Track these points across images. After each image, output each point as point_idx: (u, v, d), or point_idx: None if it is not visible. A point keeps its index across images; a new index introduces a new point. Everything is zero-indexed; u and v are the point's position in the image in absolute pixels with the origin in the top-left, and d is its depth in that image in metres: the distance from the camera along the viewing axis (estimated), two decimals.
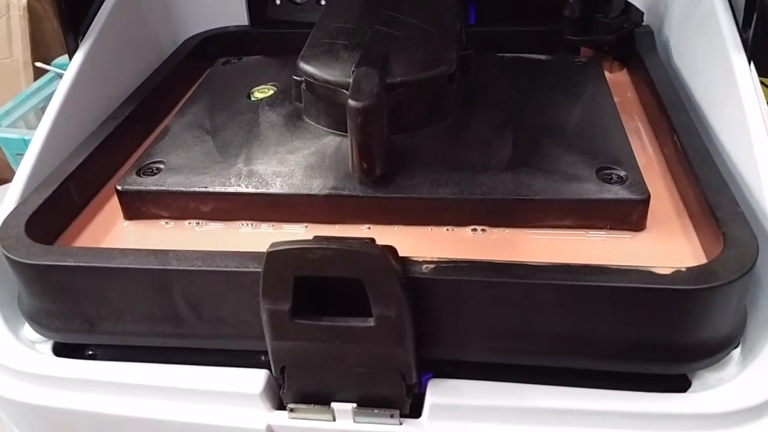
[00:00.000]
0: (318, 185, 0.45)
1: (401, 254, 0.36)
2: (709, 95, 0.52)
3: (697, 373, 0.39)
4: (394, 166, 0.45)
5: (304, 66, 0.49)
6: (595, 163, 0.46)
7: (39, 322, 0.42)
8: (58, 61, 1.11)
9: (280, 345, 0.37)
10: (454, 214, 0.45)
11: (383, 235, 0.44)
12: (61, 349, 0.44)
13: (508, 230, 0.44)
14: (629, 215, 0.43)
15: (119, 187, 0.47)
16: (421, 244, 0.44)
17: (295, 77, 0.51)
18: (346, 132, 0.43)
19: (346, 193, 0.45)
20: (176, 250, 0.39)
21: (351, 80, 0.44)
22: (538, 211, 0.44)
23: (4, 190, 0.49)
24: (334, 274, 0.34)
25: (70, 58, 0.57)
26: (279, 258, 0.34)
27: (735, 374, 0.38)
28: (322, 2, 0.70)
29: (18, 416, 0.43)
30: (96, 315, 0.41)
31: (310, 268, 0.34)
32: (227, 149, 0.50)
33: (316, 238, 0.35)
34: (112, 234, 0.47)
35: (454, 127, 0.50)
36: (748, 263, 0.36)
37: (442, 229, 0.45)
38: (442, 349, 0.39)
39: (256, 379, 0.40)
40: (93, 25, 0.59)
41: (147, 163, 0.49)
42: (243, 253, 0.38)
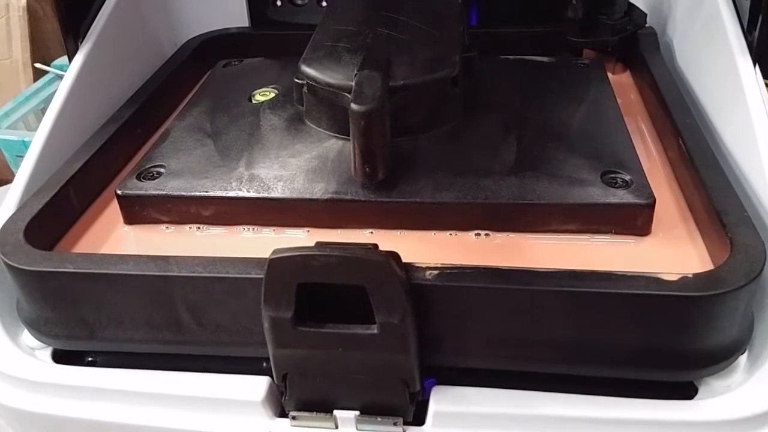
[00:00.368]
0: (320, 189, 0.45)
1: (404, 260, 0.35)
2: (714, 98, 0.52)
3: (704, 380, 0.38)
4: (396, 171, 0.45)
5: (305, 69, 0.48)
6: (600, 167, 0.45)
7: (38, 328, 0.42)
8: (58, 62, 1.11)
9: (282, 352, 0.37)
10: (458, 219, 0.44)
11: (386, 240, 0.44)
12: (61, 356, 0.43)
13: (512, 235, 0.44)
14: (634, 220, 0.43)
15: (119, 192, 0.47)
16: (424, 248, 0.44)
17: (297, 80, 0.51)
18: (349, 136, 0.43)
19: (349, 197, 0.44)
20: (177, 256, 0.39)
21: (353, 83, 0.44)
22: (543, 216, 0.43)
23: (3, 192, 0.48)
24: (336, 281, 0.34)
25: (70, 60, 0.57)
26: (281, 265, 0.34)
27: (741, 381, 0.38)
28: (324, 4, 0.70)
29: (17, 424, 0.43)
30: (96, 321, 0.40)
31: (313, 275, 0.34)
32: (228, 153, 0.49)
33: (319, 245, 0.35)
34: (112, 239, 0.47)
35: (457, 130, 0.49)
36: (756, 269, 0.36)
37: (446, 234, 0.45)
38: (446, 355, 0.38)
39: (258, 386, 0.39)
40: (93, 27, 0.59)
41: (147, 167, 0.49)
42: (244, 259, 0.38)
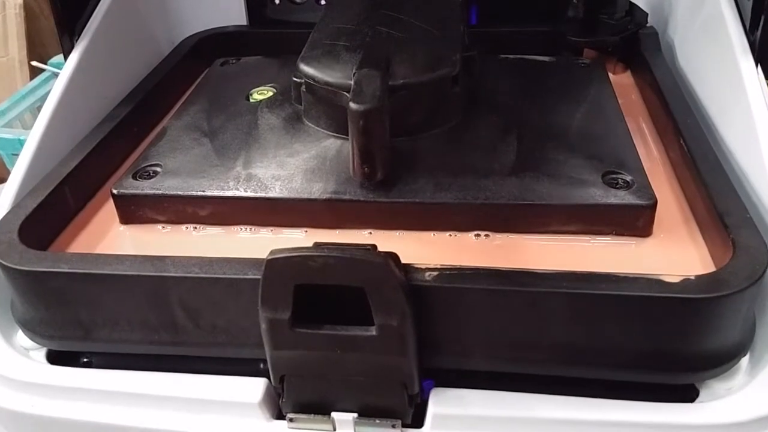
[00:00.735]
0: (318, 189, 0.45)
1: (403, 261, 0.35)
2: (716, 98, 0.52)
3: (705, 383, 0.38)
4: (396, 171, 0.44)
5: (304, 67, 0.48)
6: (601, 167, 0.45)
7: (32, 329, 0.42)
8: (55, 60, 1.10)
9: (280, 354, 0.36)
10: (457, 220, 0.44)
11: (385, 241, 0.44)
12: (56, 357, 0.43)
13: (512, 236, 0.44)
14: (635, 221, 0.43)
15: (115, 191, 0.47)
16: (423, 249, 0.43)
17: (295, 79, 0.50)
18: (347, 135, 0.43)
19: (347, 197, 0.44)
20: (173, 257, 0.38)
21: (352, 82, 0.43)
22: (543, 217, 0.43)
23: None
24: (335, 282, 0.34)
25: (66, 58, 0.56)
26: (279, 266, 0.33)
27: (743, 384, 0.38)
28: (322, 2, 0.69)
29: (11, 425, 0.42)
30: (91, 322, 0.40)
31: (311, 276, 0.33)
32: (226, 152, 0.49)
33: (317, 245, 0.34)
34: (108, 239, 0.46)
35: (457, 130, 0.49)
36: (759, 271, 0.35)
37: (445, 235, 0.44)
38: (445, 357, 0.38)
39: (255, 388, 0.39)
40: (89, 24, 0.59)
41: (144, 166, 0.49)
42: (241, 259, 0.38)
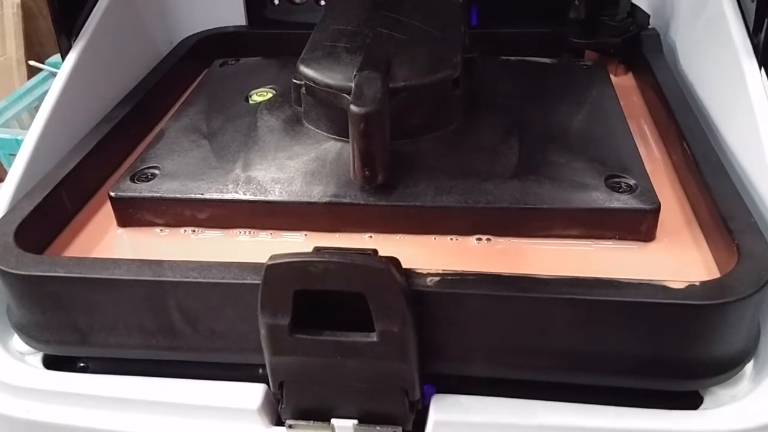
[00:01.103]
0: (318, 192, 0.44)
1: (404, 265, 0.35)
2: (719, 101, 0.51)
3: (709, 390, 0.38)
4: (396, 174, 0.44)
5: (304, 69, 0.48)
6: (604, 171, 0.45)
7: (29, 333, 0.41)
8: (52, 59, 1.10)
9: (279, 360, 0.36)
10: (459, 223, 0.43)
11: (385, 245, 0.43)
12: (52, 362, 0.42)
13: (513, 240, 0.43)
14: (639, 225, 0.42)
15: (113, 194, 0.46)
16: (424, 253, 0.43)
17: (295, 81, 0.50)
18: (348, 138, 0.42)
19: (347, 201, 0.44)
20: (171, 261, 0.38)
21: (353, 85, 0.43)
22: (545, 221, 0.43)
23: None
24: (335, 288, 0.33)
25: (63, 58, 0.56)
26: (279, 271, 0.33)
27: (748, 391, 0.37)
28: (322, 2, 0.69)
29: (7, 430, 0.42)
30: (88, 327, 0.40)
31: (311, 282, 0.33)
32: (225, 154, 0.48)
33: (317, 250, 0.34)
34: (105, 242, 0.46)
35: (459, 133, 0.48)
36: (765, 277, 0.35)
37: (446, 239, 0.44)
38: (446, 363, 0.38)
39: (254, 394, 0.38)
40: (87, 24, 0.58)
41: (141, 168, 0.48)
42: (241, 264, 0.37)
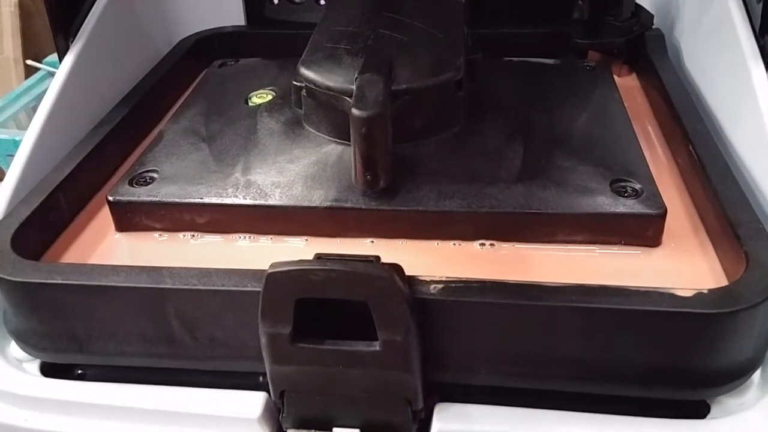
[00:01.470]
0: (319, 197, 0.43)
1: (406, 271, 0.34)
2: (725, 103, 0.51)
3: (717, 399, 0.37)
4: (398, 178, 0.44)
5: (304, 71, 0.47)
6: (609, 175, 0.44)
7: (26, 340, 0.41)
8: (50, 58, 1.09)
9: (280, 369, 0.35)
10: (462, 228, 0.43)
11: (387, 250, 0.43)
12: (49, 369, 0.42)
13: (518, 245, 0.43)
14: (645, 230, 0.42)
15: (111, 198, 0.46)
16: (426, 259, 0.42)
17: (296, 83, 0.49)
18: (349, 141, 0.42)
19: (349, 205, 0.43)
20: (170, 268, 0.37)
21: (354, 87, 0.42)
22: (550, 226, 0.42)
23: None
24: (337, 297, 0.33)
25: (60, 59, 0.55)
26: (279, 280, 0.32)
27: (756, 400, 0.37)
28: (322, 2, 0.68)
29: None
30: (86, 334, 0.39)
31: (313, 291, 0.32)
32: (224, 158, 0.48)
33: (318, 258, 0.33)
34: (103, 247, 0.45)
35: (461, 136, 0.48)
36: None
37: (449, 244, 0.43)
38: (450, 372, 0.37)
39: (255, 402, 0.38)
40: (84, 24, 0.57)
41: (140, 172, 0.47)
42: (241, 271, 0.37)
